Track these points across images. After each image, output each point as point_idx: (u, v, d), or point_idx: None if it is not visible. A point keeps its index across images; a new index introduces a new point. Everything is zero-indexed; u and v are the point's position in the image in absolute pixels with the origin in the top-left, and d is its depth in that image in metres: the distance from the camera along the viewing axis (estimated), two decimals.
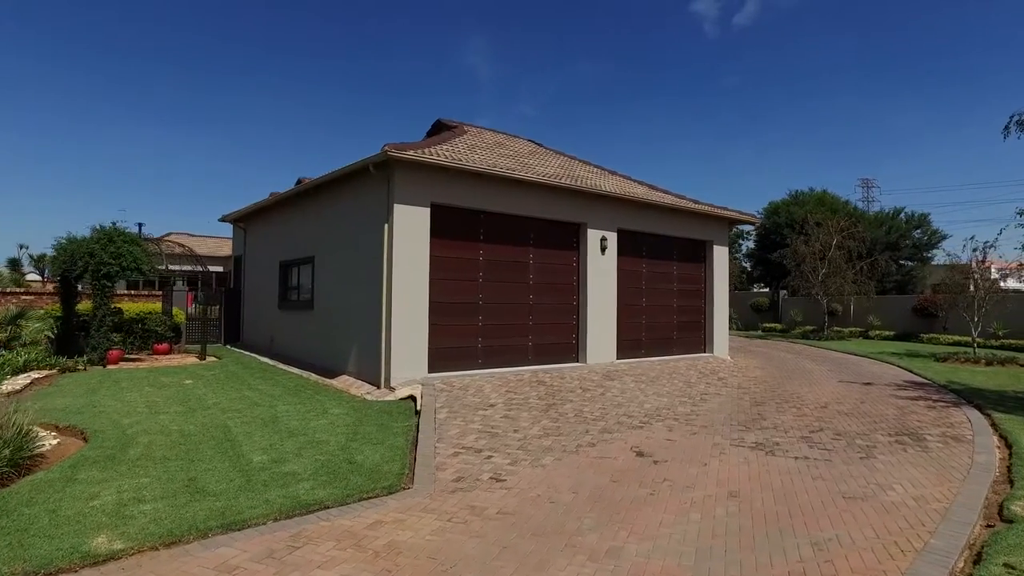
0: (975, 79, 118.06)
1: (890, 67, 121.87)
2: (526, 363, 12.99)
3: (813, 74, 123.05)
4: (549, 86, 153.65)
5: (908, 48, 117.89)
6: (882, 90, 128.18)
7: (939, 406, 10.37)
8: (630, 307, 15.04)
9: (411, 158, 10.80)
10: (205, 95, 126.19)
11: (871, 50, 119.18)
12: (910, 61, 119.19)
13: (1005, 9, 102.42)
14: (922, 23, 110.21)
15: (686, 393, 11.28)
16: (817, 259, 25.73)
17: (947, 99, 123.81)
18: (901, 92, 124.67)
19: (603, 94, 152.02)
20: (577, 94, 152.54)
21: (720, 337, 17.10)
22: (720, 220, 17.09)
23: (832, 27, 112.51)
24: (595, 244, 13.99)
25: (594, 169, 17.14)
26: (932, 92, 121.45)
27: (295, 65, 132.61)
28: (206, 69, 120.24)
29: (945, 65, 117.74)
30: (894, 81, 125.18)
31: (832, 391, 11.94)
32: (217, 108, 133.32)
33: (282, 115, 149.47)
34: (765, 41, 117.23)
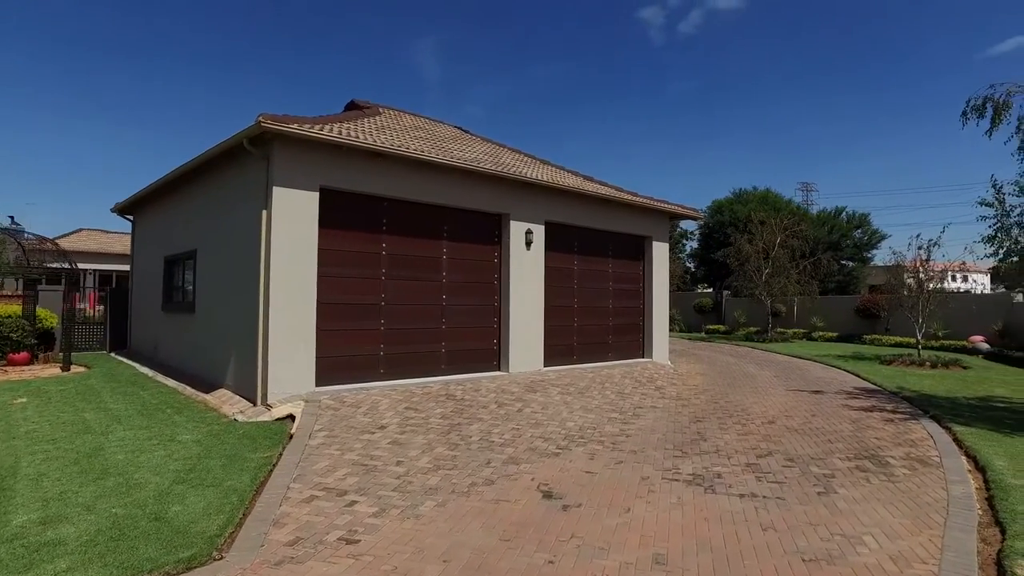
0: (911, 85, 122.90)
1: (830, 73, 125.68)
2: (438, 373, 11.43)
3: (755, 80, 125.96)
4: (498, 88, 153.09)
5: (848, 54, 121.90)
6: (821, 95, 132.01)
7: (895, 419, 9.33)
8: (560, 308, 13.67)
9: (294, 132, 9.12)
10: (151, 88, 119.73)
11: (812, 56, 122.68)
12: (850, 67, 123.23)
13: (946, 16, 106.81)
14: (862, 30, 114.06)
15: (617, 407, 9.94)
16: (761, 258, 25.06)
17: (886, 105, 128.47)
18: (840, 97, 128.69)
19: (551, 97, 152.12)
20: (525, 97, 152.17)
21: (660, 341, 15.94)
22: (660, 214, 15.94)
23: (772, 35, 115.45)
24: (519, 238, 12.56)
25: (523, 157, 15.74)
26: (872, 98, 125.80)
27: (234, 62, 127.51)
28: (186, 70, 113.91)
29: (884, 71, 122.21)
30: (833, 87, 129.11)
31: (780, 402, 10.83)
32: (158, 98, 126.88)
33: (220, 113, 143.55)
34: (709, 48, 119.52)
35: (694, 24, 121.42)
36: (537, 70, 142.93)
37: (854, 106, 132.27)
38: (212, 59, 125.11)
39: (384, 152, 10.24)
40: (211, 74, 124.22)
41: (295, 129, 9.13)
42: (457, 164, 11.22)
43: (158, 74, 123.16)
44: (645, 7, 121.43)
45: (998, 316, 21.52)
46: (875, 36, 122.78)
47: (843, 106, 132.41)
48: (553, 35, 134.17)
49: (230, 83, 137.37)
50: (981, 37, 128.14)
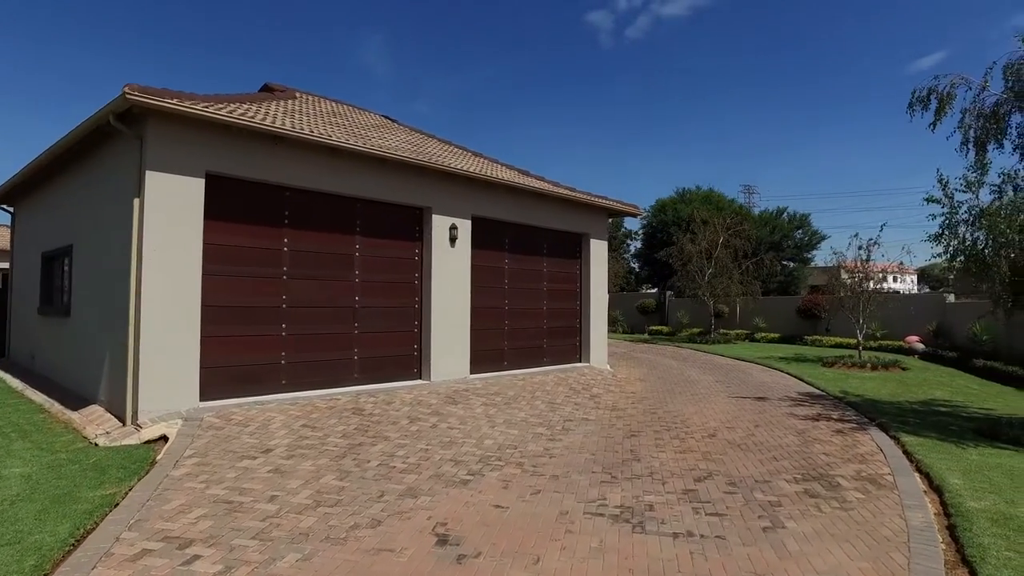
0: (846, 94, 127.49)
1: (771, 79, 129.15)
2: (349, 383, 10.31)
3: (700, 85, 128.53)
4: (447, 87, 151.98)
5: (787, 64, 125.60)
6: (763, 101, 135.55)
7: (843, 428, 8.74)
8: (489, 311, 12.72)
9: (172, 108, 7.87)
10: None
11: (754, 63, 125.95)
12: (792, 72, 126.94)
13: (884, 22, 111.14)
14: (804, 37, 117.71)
15: (546, 421, 9.05)
16: (704, 258, 24.73)
17: (823, 111, 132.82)
18: (781, 102, 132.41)
19: (500, 97, 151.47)
20: (475, 96, 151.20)
21: (598, 344, 15.18)
22: (598, 210, 15.18)
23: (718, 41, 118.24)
24: (442, 234, 11.55)
25: (452, 148, 14.74)
26: (810, 103, 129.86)
27: (171, 58, 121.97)
28: None
29: (821, 80, 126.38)
30: (774, 92, 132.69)
31: (722, 410, 10.15)
32: None
33: None
34: (656, 53, 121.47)
35: (641, 29, 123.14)
36: (486, 70, 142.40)
37: (794, 112, 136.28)
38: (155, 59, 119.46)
39: (284, 135, 9.08)
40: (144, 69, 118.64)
41: (173, 105, 7.88)
42: (371, 151, 10.13)
43: None
44: (595, 10, 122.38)
45: (933, 317, 21.71)
46: (813, 48, 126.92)
47: (783, 112, 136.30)
48: (502, 35, 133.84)
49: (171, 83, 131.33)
50: (907, 52, 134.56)
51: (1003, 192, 8.42)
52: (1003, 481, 6.23)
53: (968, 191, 8.30)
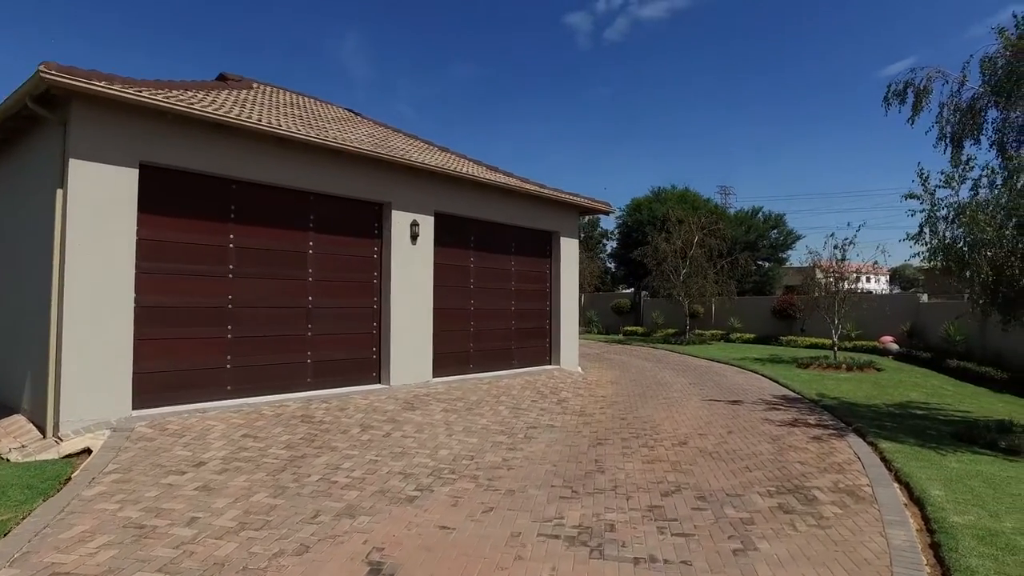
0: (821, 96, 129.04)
1: (748, 80, 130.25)
2: (302, 388, 9.74)
3: (677, 87, 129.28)
4: (424, 88, 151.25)
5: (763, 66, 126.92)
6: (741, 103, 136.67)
7: (819, 434, 8.38)
8: (453, 311, 12.21)
9: (99, 91, 7.23)
10: None
11: (732, 64, 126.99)
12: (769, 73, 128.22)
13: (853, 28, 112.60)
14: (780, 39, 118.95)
15: (508, 428, 8.57)
16: (678, 258, 24.44)
17: (799, 113, 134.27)
18: (759, 104, 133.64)
19: (481, 97, 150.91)
20: (453, 97, 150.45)
21: (569, 346, 14.74)
22: (569, 208, 14.74)
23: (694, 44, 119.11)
24: (403, 230, 11.01)
25: (417, 143, 14.20)
26: (785, 106, 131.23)
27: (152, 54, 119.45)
28: None
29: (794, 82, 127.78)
30: (752, 94, 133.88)
31: (694, 415, 9.75)
32: None
33: None
34: (634, 55, 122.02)
35: (620, 31, 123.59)
36: (464, 72, 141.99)
37: (770, 114, 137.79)
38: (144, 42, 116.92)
39: (226, 123, 8.48)
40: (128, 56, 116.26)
41: (100, 88, 7.25)
42: (324, 142, 9.57)
43: None
44: (573, 12, 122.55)
45: (906, 317, 21.66)
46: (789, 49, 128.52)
47: (761, 114, 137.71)
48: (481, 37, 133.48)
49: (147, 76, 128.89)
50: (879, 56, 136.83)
51: (977, 189, 8.13)
52: (985, 491, 5.89)
53: (948, 187, 7.99)
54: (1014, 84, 8.88)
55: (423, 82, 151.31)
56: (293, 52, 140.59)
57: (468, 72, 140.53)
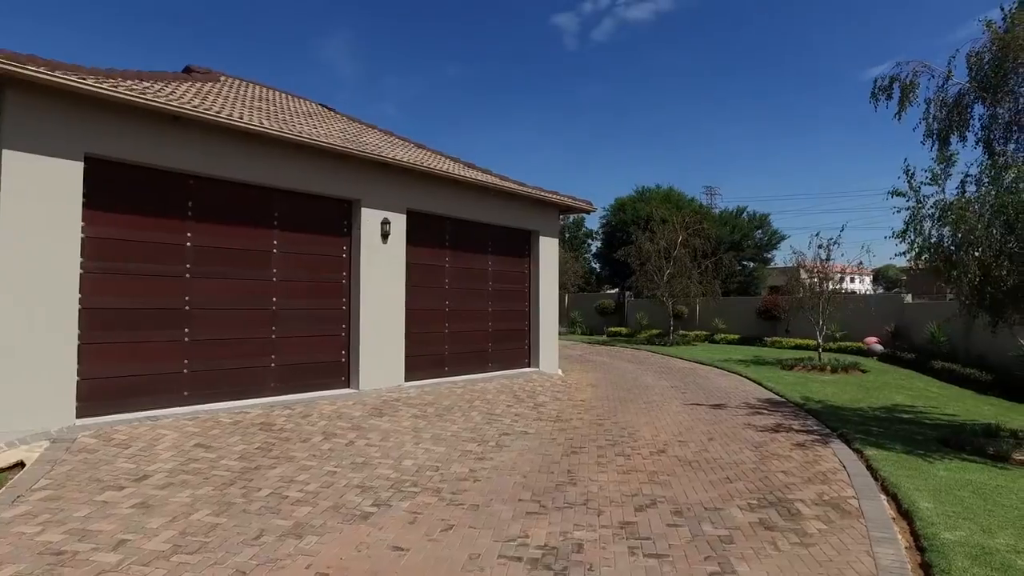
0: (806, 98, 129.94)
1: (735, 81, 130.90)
2: (266, 393, 9.31)
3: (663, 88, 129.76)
4: (411, 88, 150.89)
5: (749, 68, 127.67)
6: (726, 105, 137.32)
7: (803, 441, 8.09)
8: (427, 312, 11.81)
9: (36, 77, 6.76)
10: None
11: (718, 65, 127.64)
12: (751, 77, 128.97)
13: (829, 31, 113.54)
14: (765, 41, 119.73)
15: (479, 435, 8.19)
16: (662, 258, 24.16)
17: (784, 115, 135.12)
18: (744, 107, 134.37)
19: (467, 97, 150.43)
20: (441, 96, 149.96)
21: (548, 348, 14.38)
22: (548, 206, 14.38)
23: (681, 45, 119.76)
24: (373, 229, 10.60)
25: (393, 139, 13.80)
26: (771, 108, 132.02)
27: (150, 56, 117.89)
28: None
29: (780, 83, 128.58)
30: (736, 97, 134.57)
31: (675, 420, 9.43)
32: None
33: None
34: (620, 56, 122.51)
35: (606, 32, 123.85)
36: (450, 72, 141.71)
37: (755, 115, 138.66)
38: None
39: (182, 115, 8.03)
40: None
41: (37, 73, 6.78)
42: (288, 136, 9.14)
43: None
44: (560, 13, 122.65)
45: (891, 318, 21.55)
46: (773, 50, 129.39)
47: (745, 115, 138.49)
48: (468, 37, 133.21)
49: None
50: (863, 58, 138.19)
51: (964, 186, 7.87)
52: (976, 503, 5.60)
53: (934, 184, 7.72)
54: (1001, 79, 8.65)
55: (410, 82, 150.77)
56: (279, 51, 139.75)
57: (454, 72, 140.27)
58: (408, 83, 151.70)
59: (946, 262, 7.72)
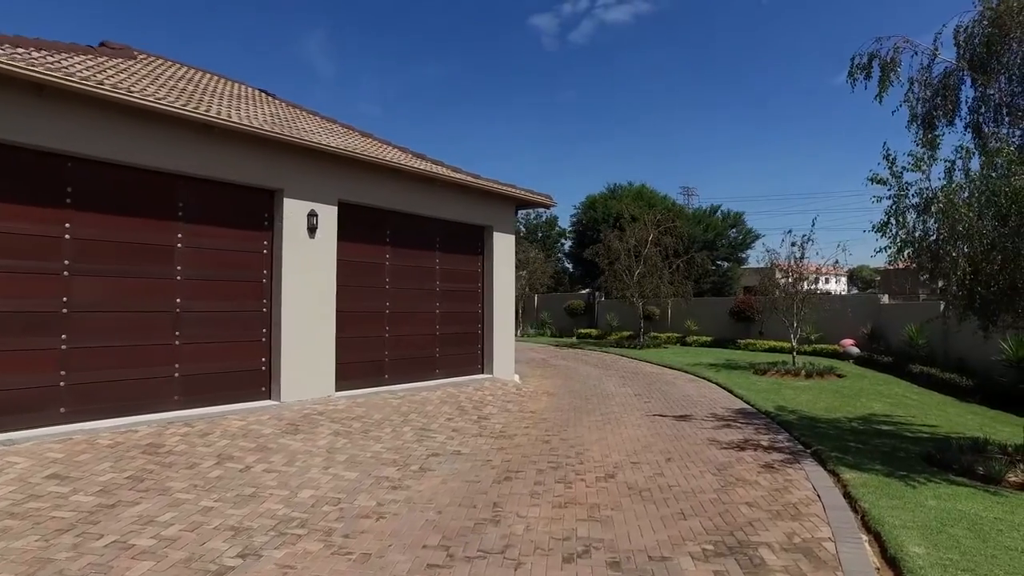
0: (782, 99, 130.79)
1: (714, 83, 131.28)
2: (167, 407, 8.16)
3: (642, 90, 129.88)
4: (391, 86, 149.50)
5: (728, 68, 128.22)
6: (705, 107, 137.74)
7: (773, 461, 7.15)
8: (364, 315, 10.72)
9: None
10: None
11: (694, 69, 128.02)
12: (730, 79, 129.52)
13: None
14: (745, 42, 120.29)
15: (404, 456, 7.14)
16: (632, 257, 23.25)
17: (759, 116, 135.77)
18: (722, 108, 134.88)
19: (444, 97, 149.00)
20: (419, 96, 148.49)
21: (503, 352, 13.35)
22: (503, 200, 13.37)
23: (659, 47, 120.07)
24: (298, 221, 9.50)
25: (335, 126, 12.69)
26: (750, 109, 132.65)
27: None
28: None
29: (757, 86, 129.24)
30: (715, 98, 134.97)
31: (632, 436, 8.46)
32: None
33: None
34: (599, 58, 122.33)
35: (585, 34, 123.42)
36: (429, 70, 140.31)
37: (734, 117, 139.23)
38: None
39: (47, 83, 6.85)
40: None
41: None
42: (192, 115, 8.01)
43: None
44: (539, 14, 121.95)
45: (867, 319, 20.87)
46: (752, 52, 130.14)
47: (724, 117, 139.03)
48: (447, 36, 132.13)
49: None
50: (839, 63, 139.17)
51: (952, 172, 6.99)
52: (974, 546, 4.67)
53: (917, 170, 6.82)
54: (992, 56, 7.82)
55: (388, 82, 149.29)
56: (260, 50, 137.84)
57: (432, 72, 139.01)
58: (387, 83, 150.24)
59: (932, 258, 6.84)
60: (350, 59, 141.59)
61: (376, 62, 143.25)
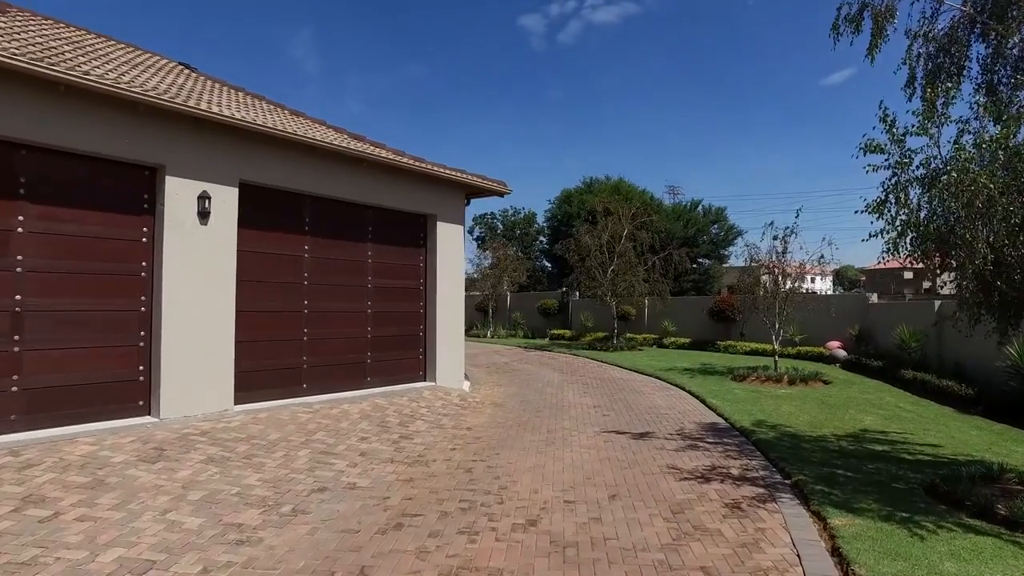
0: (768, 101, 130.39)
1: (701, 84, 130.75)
2: (2, 430, 6.63)
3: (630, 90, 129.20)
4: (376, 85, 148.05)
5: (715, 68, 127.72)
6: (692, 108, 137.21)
7: (742, 499, 5.75)
8: (276, 315, 9.23)
9: None
10: None
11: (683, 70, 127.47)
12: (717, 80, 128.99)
13: None
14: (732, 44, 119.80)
15: (280, 492, 5.65)
16: (605, 253, 21.83)
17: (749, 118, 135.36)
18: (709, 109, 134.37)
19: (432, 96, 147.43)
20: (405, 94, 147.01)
21: (450, 357, 11.88)
22: (449, 186, 11.89)
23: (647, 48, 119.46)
24: (185, 204, 7.98)
25: (260, 103, 11.18)
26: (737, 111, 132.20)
27: None
28: None
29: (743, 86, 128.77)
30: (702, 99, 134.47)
31: (576, 461, 7.04)
32: None
33: None
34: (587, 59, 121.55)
35: (573, 35, 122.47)
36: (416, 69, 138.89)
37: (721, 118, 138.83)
38: None
39: None
40: None
41: None
42: (43, 69, 6.48)
43: None
44: (527, 15, 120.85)
45: (854, 319, 19.57)
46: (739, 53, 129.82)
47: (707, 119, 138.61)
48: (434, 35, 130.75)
49: None
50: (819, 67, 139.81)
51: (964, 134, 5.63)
52: None
53: (923, 134, 5.45)
54: (1013, 2, 6.46)
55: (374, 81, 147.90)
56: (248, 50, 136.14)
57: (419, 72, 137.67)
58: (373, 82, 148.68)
59: (941, 243, 5.46)
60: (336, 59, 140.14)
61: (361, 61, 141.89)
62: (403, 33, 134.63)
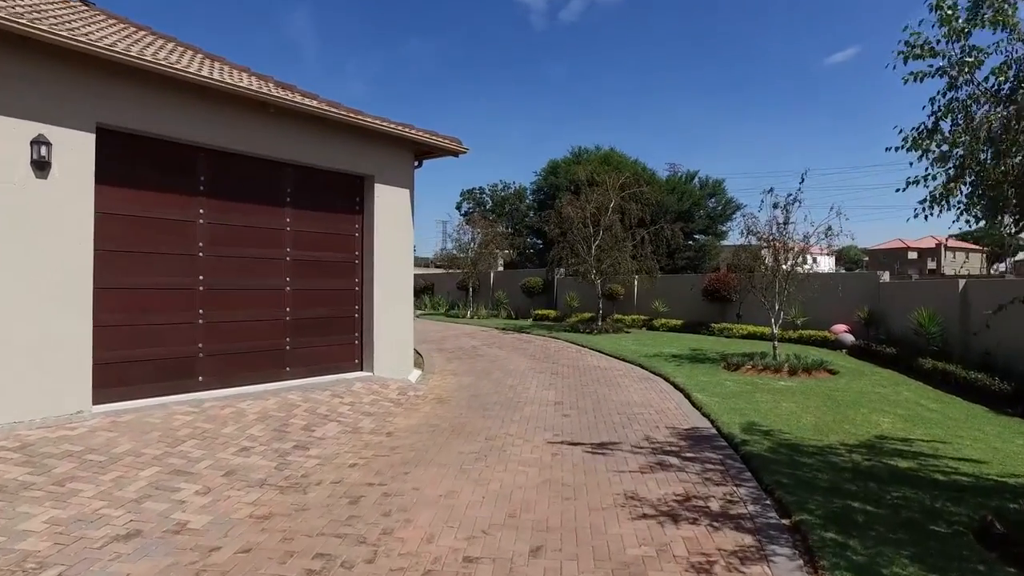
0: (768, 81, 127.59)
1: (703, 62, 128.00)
2: None
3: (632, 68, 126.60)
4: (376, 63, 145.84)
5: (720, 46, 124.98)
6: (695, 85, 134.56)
7: (720, 553, 4.08)
8: (157, 292, 7.50)
9: None
10: None
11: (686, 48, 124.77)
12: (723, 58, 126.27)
13: None
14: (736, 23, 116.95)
15: (59, 548, 3.98)
16: (589, 226, 20.00)
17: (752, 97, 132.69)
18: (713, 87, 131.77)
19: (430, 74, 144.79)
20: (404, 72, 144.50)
21: (392, 342, 10.17)
22: (392, 142, 10.07)
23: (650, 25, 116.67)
24: (15, 153, 6.23)
25: (156, 39, 9.36)
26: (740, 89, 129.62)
27: None
28: None
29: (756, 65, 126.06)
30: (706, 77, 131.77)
31: (503, 487, 5.37)
32: None
33: None
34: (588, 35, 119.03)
35: (575, 12, 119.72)
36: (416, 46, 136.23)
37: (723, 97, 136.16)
38: None
39: None
40: None
41: None
42: None
43: None
44: None
45: (863, 300, 17.83)
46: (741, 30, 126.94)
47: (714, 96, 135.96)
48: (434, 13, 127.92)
49: None
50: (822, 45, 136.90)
51: None
52: None
53: (997, 25, 3.71)
54: None
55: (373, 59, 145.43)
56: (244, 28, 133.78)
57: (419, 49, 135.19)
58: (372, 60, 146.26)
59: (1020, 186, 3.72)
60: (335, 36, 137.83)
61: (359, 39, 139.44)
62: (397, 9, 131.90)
